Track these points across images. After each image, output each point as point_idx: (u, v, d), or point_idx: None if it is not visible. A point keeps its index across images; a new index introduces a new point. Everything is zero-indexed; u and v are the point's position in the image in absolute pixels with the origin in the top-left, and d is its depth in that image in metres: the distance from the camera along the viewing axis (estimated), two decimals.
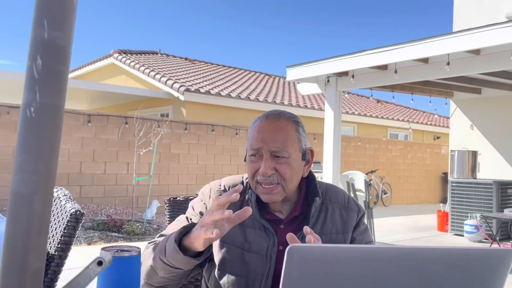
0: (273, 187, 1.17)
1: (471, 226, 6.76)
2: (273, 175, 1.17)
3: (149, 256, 1.12)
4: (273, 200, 1.19)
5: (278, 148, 1.17)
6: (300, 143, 1.22)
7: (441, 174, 13.87)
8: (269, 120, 1.21)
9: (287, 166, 1.17)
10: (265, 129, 1.19)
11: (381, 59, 5.17)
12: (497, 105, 8.27)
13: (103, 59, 13.27)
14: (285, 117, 1.22)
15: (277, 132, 1.18)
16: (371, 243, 1.31)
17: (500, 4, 8.11)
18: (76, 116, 7.37)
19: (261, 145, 1.18)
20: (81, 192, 7.33)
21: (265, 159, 1.17)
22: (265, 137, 1.18)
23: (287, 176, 1.17)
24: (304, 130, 1.26)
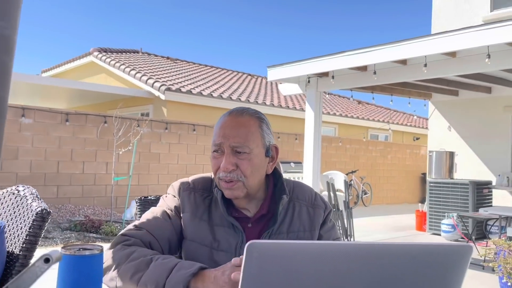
0: (233, 183, 1.17)
1: (448, 226, 6.88)
2: (234, 171, 1.16)
3: (122, 267, 1.05)
4: (235, 195, 1.19)
5: (239, 143, 1.16)
6: (263, 140, 1.21)
7: (420, 174, 14.08)
8: (232, 116, 1.21)
9: (248, 162, 1.17)
10: (227, 124, 1.19)
11: (360, 60, 5.22)
12: (474, 107, 8.44)
13: (83, 58, 13.07)
14: (248, 113, 1.22)
15: (238, 128, 1.18)
16: (338, 240, 1.31)
17: (477, 8, 8.29)
18: (53, 114, 7.23)
19: (222, 140, 1.17)
20: (58, 192, 7.20)
21: (226, 154, 1.17)
22: (226, 132, 1.18)
23: (248, 172, 1.17)
24: (269, 127, 1.25)
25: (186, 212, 1.23)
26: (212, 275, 0.96)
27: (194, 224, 1.21)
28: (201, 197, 1.25)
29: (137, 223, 1.21)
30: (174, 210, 1.25)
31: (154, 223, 1.20)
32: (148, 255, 1.07)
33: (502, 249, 3.85)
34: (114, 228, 6.10)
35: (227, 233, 1.20)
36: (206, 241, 1.19)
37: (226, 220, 1.21)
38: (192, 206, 1.23)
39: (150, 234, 1.18)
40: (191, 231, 1.21)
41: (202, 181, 1.29)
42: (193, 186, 1.27)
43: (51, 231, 5.98)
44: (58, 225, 6.36)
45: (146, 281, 1.01)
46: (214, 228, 1.20)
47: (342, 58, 5.38)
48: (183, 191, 1.26)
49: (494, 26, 4.14)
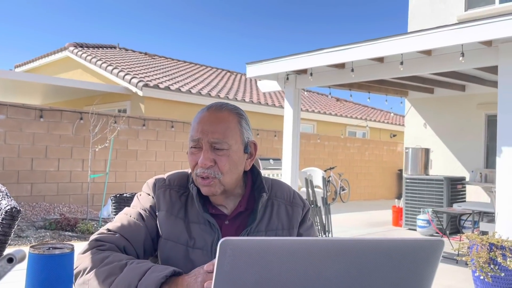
0: (210, 180, 1.15)
1: (423, 221, 7.02)
2: (212, 167, 1.14)
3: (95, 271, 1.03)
4: (212, 192, 1.16)
5: (217, 139, 1.14)
6: (242, 136, 1.19)
7: (397, 171, 14.32)
8: (211, 111, 1.18)
9: (226, 158, 1.15)
10: (206, 120, 1.16)
11: (338, 58, 5.26)
12: (448, 104, 8.63)
13: (58, 52, 12.78)
14: (227, 109, 1.20)
15: (217, 123, 1.15)
16: None
17: (452, 8, 8.46)
18: (27, 110, 7.05)
19: (200, 136, 1.15)
20: (32, 190, 7.03)
21: (204, 150, 1.14)
22: (204, 128, 1.15)
23: (226, 169, 1.15)
24: (248, 123, 1.23)
25: (162, 210, 1.21)
26: (185, 282, 0.94)
27: (169, 222, 1.19)
28: (177, 194, 1.23)
29: (111, 227, 1.18)
30: (148, 210, 1.22)
31: (128, 227, 1.17)
32: (123, 259, 1.05)
33: (475, 243, 3.95)
34: (90, 226, 6.00)
35: (203, 231, 1.18)
36: (181, 240, 1.17)
37: (202, 217, 1.19)
38: (168, 203, 1.21)
39: (124, 239, 1.15)
40: (167, 229, 1.19)
41: (178, 178, 1.26)
42: (168, 183, 1.25)
43: (24, 230, 5.84)
44: (32, 224, 6.22)
45: (118, 284, 0.99)
46: (190, 226, 1.18)
47: (320, 55, 5.41)
48: (158, 189, 1.24)
49: (468, 25, 4.23)
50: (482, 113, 8.27)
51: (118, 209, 1.42)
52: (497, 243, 3.82)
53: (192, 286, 0.92)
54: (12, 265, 0.47)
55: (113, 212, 1.43)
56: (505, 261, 3.71)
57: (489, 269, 3.78)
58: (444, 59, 4.89)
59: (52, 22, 51.30)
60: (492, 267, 3.78)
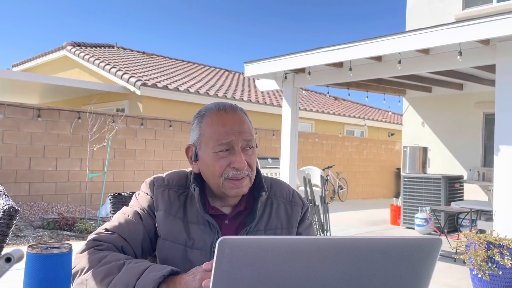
0: (243, 180, 1.15)
1: (421, 219, 7.03)
2: (246, 168, 1.16)
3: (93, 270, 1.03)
4: (242, 192, 1.17)
5: (250, 137, 1.17)
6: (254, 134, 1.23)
7: (395, 169, 14.34)
8: (229, 112, 1.18)
9: (254, 157, 1.18)
10: (232, 121, 1.16)
11: (336, 57, 5.26)
12: (446, 103, 8.64)
13: (56, 52, 12.75)
14: (240, 109, 1.22)
15: (243, 123, 1.18)
16: None
17: (450, 6, 8.47)
18: (25, 110, 7.03)
19: (232, 137, 1.14)
20: (30, 190, 7.02)
21: (238, 152, 1.14)
22: (235, 128, 1.15)
23: (254, 166, 1.18)
24: None
25: (160, 210, 1.20)
26: (183, 281, 0.94)
27: (168, 222, 1.18)
28: (175, 194, 1.22)
29: (108, 226, 1.18)
30: (146, 209, 1.21)
31: (125, 227, 1.17)
32: (121, 259, 1.05)
33: (472, 241, 3.96)
34: (88, 226, 5.99)
35: (202, 231, 1.17)
36: (180, 239, 1.16)
37: (201, 217, 1.18)
38: (166, 203, 1.20)
39: (122, 238, 1.15)
40: (165, 229, 1.18)
41: (177, 177, 1.26)
42: (167, 183, 1.24)
43: (22, 230, 5.83)
44: (30, 223, 6.21)
45: (116, 283, 0.98)
46: (189, 226, 1.18)
47: (318, 54, 5.41)
48: (157, 188, 1.23)
49: (466, 24, 4.24)
50: (479, 112, 8.28)
51: (116, 209, 1.42)
52: (494, 242, 3.83)
53: (190, 285, 0.91)
54: (10, 264, 0.47)
55: (112, 212, 1.42)
56: (503, 260, 3.72)
57: (487, 267, 3.79)
58: (442, 58, 4.90)
59: (50, 21, 51.39)
60: (490, 266, 3.80)
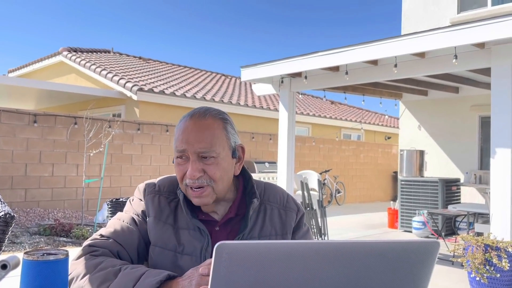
0: (202, 190, 1.12)
1: (419, 223, 7.04)
2: (202, 177, 1.11)
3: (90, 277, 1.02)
4: (204, 203, 1.14)
5: (205, 148, 1.11)
6: (228, 141, 1.16)
7: (392, 173, 14.36)
8: (194, 119, 1.14)
9: (215, 167, 1.12)
10: (190, 129, 1.13)
11: (332, 61, 5.27)
12: (442, 106, 8.67)
13: (52, 57, 12.74)
14: (211, 115, 1.16)
15: (203, 131, 1.12)
16: None
17: (445, 10, 8.52)
18: (21, 116, 7.01)
19: (185, 146, 1.11)
20: (26, 196, 6.98)
21: (192, 161, 1.11)
22: (190, 138, 1.11)
23: (217, 176, 1.12)
24: (234, 127, 1.21)
25: (150, 216, 1.19)
26: (179, 286, 0.93)
27: (157, 228, 1.17)
28: (166, 200, 1.21)
29: (104, 232, 1.17)
30: (140, 214, 1.21)
31: (121, 232, 1.17)
32: (117, 265, 1.04)
33: (470, 244, 3.96)
34: (85, 232, 5.96)
35: (192, 237, 1.16)
36: (170, 245, 1.15)
37: (191, 223, 1.17)
38: (156, 209, 1.19)
39: (118, 244, 1.14)
40: (155, 235, 1.17)
41: (168, 183, 1.25)
42: (158, 189, 1.23)
43: (19, 236, 5.80)
44: (26, 230, 6.17)
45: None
46: (179, 232, 1.17)
47: (314, 58, 5.42)
48: (148, 194, 1.22)
49: (461, 28, 4.26)
50: (475, 115, 8.32)
51: (114, 214, 1.42)
52: (492, 244, 3.83)
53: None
54: (6, 271, 0.47)
55: (109, 217, 1.42)
56: (501, 262, 3.72)
57: (485, 270, 3.80)
58: (437, 61, 4.92)
59: (46, 27, 51.13)
60: (487, 268, 3.80)
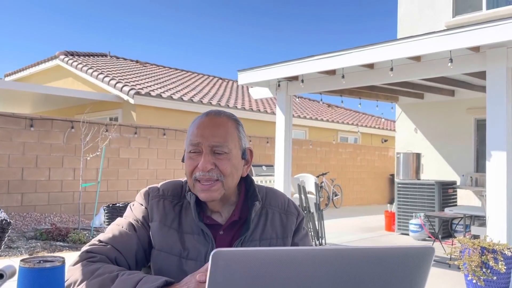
0: (212, 184, 1.14)
1: (416, 225, 7.05)
2: (213, 170, 1.14)
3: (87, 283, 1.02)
4: (212, 197, 1.15)
5: (218, 142, 1.15)
6: (240, 141, 1.21)
7: (388, 175, 14.39)
8: (210, 116, 1.20)
9: (227, 162, 1.15)
10: (205, 124, 1.17)
11: (329, 64, 5.29)
12: (438, 109, 8.71)
13: (48, 61, 12.72)
14: (225, 115, 1.22)
15: (217, 127, 1.17)
16: None
17: (440, 14, 8.57)
18: (17, 120, 6.99)
19: (200, 140, 1.15)
20: (23, 200, 6.96)
21: (205, 154, 1.14)
22: (205, 132, 1.16)
23: (227, 171, 1.15)
24: (244, 130, 1.25)
25: (155, 221, 1.20)
26: None
27: (163, 233, 1.18)
28: (170, 204, 1.22)
29: (102, 238, 1.17)
30: (141, 220, 1.21)
31: (119, 238, 1.17)
32: (114, 271, 1.04)
33: (466, 247, 3.97)
34: (82, 236, 5.94)
35: (196, 241, 1.17)
36: (175, 250, 1.16)
37: (196, 227, 1.18)
38: (161, 214, 1.20)
39: (116, 250, 1.14)
40: (160, 240, 1.18)
41: (172, 187, 1.26)
42: (162, 193, 1.24)
43: (15, 241, 5.77)
44: (23, 234, 6.15)
45: None
46: (183, 236, 1.18)
47: (311, 62, 5.44)
48: (152, 199, 1.23)
49: (456, 32, 4.29)
50: (471, 118, 8.36)
51: (111, 219, 1.42)
52: (488, 247, 3.85)
53: None
54: (3, 281, 0.47)
55: (106, 222, 1.42)
56: (497, 265, 3.74)
57: (481, 272, 3.81)
58: (433, 65, 4.95)
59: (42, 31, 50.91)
60: (484, 271, 3.81)
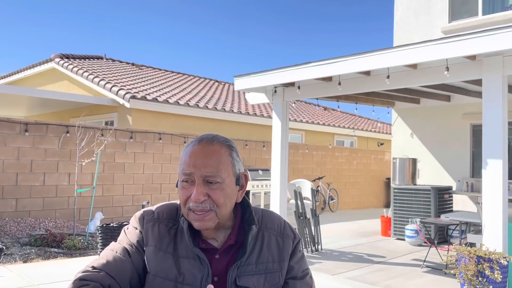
0: (205, 214, 1.13)
1: (412, 231, 7.06)
2: (206, 201, 1.13)
3: None
4: (205, 227, 1.15)
5: (211, 173, 1.13)
6: (234, 168, 1.19)
7: (384, 179, 14.41)
8: (202, 144, 1.18)
9: (220, 192, 1.14)
10: (198, 153, 1.16)
11: (325, 71, 5.28)
12: (434, 114, 8.73)
13: (43, 64, 12.65)
14: (218, 141, 1.19)
15: (210, 157, 1.15)
16: (306, 271, 1.30)
17: (436, 19, 8.59)
18: (12, 124, 6.94)
19: (193, 170, 1.14)
20: (17, 206, 6.91)
21: (197, 184, 1.13)
22: (197, 162, 1.14)
23: (221, 202, 1.14)
24: (238, 155, 1.23)
25: (150, 245, 1.19)
26: None
27: (158, 258, 1.17)
28: (166, 227, 1.21)
29: (96, 264, 1.16)
30: (135, 245, 1.20)
31: (113, 264, 1.15)
32: None
33: (463, 256, 3.97)
34: (77, 242, 5.90)
35: (192, 266, 1.16)
36: (170, 276, 1.15)
37: (191, 251, 1.17)
38: (156, 238, 1.19)
39: (110, 277, 1.13)
40: (155, 265, 1.17)
41: (167, 210, 1.25)
42: (157, 217, 1.23)
43: (9, 247, 5.72)
44: (17, 240, 6.09)
45: None
46: (179, 261, 1.17)
47: (307, 69, 5.43)
48: (147, 223, 1.22)
49: (452, 40, 4.29)
50: (467, 123, 8.38)
51: (105, 240, 1.41)
52: (484, 256, 3.85)
53: None
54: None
55: (100, 244, 1.40)
56: (493, 274, 3.74)
57: (477, 282, 3.81)
58: (429, 72, 4.95)
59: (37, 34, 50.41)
60: (480, 280, 3.81)
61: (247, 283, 1.17)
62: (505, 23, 7.25)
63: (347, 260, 5.88)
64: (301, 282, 1.25)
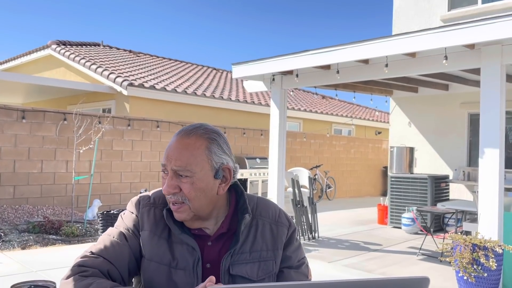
0: (179, 206, 1.15)
1: (408, 219, 7.11)
2: (177, 193, 1.15)
3: None
4: (181, 218, 1.17)
5: (180, 166, 1.14)
6: (210, 162, 1.16)
7: (382, 168, 14.47)
8: (179, 136, 1.18)
9: (190, 186, 1.14)
10: (173, 146, 1.16)
11: (324, 59, 5.27)
12: (432, 103, 8.74)
13: (40, 50, 12.56)
14: (196, 134, 1.17)
15: (181, 150, 1.14)
16: (303, 260, 1.31)
17: (435, 7, 8.54)
18: (9, 111, 6.92)
19: (165, 162, 1.16)
20: (15, 193, 6.92)
21: (169, 177, 1.16)
22: (170, 154, 1.16)
23: (191, 195, 1.14)
24: (222, 146, 1.19)
25: (145, 230, 1.21)
26: None
27: (153, 243, 1.19)
28: (161, 212, 1.22)
29: (94, 250, 1.17)
30: (131, 229, 1.22)
31: (111, 249, 1.17)
32: (106, 287, 1.04)
33: (458, 244, 4.01)
34: (75, 229, 5.92)
35: (185, 251, 1.18)
36: (164, 260, 1.17)
37: (184, 236, 1.19)
38: (151, 223, 1.21)
39: (108, 262, 1.14)
40: (150, 250, 1.19)
41: (163, 195, 1.25)
42: (153, 201, 1.25)
43: (7, 234, 5.74)
44: (15, 227, 6.12)
45: None
46: (173, 246, 1.19)
47: (306, 57, 5.41)
48: (143, 207, 1.24)
49: (451, 29, 4.27)
50: (465, 112, 8.39)
51: (105, 227, 1.44)
52: (480, 244, 3.89)
53: None
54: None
55: (100, 231, 1.42)
56: (488, 262, 3.78)
57: (472, 269, 3.85)
58: (428, 61, 4.94)
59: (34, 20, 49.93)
60: (475, 268, 3.85)
61: (240, 272, 1.18)
62: (504, 11, 7.22)
63: (344, 248, 5.93)
64: (296, 271, 1.26)
